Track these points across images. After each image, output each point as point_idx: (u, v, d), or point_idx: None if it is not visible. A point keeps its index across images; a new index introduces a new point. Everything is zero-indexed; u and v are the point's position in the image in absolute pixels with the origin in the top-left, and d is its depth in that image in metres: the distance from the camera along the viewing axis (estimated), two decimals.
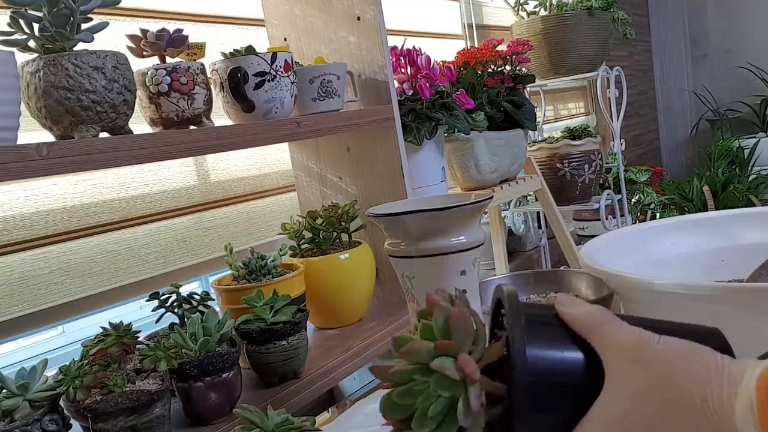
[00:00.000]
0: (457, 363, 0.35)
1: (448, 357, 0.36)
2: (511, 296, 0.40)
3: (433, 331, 0.38)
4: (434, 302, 0.40)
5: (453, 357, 0.36)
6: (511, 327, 0.37)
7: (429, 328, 0.38)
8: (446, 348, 0.36)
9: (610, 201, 1.91)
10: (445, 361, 0.35)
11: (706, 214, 0.81)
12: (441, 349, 0.36)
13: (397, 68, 1.25)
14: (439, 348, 0.36)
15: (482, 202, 0.68)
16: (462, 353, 0.36)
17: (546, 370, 0.37)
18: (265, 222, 1.27)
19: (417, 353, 0.37)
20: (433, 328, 0.38)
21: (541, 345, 0.38)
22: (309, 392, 0.88)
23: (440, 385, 0.35)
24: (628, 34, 2.04)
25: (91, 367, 0.69)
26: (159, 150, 0.77)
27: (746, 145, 3.41)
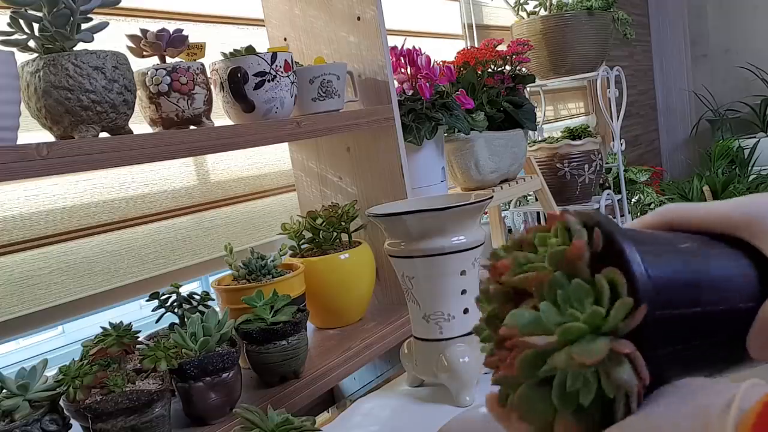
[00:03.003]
0: (636, 371, 0.28)
1: (623, 358, 0.28)
2: (601, 217, 0.32)
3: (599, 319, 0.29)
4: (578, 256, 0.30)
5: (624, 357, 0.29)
6: (620, 251, 0.30)
7: (599, 315, 0.29)
8: (623, 348, 0.29)
9: (610, 201, 1.91)
10: (623, 369, 0.28)
11: None
12: (617, 349, 0.29)
13: (397, 68, 1.25)
14: (616, 349, 0.28)
15: (482, 202, 0.68)
16: (638, 359, 0.28)
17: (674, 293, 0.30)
18: (265, 222, 1.27)
19: (590, 352, 0.29)
20: (600, 314, 0.29)
21: (661, 265, 0.30)
22: (309, 392, 0.88)
23: (608, 386, 0.29)
24: (628, 34, 2.04)
25: (91, 367, 0.69)
26: (159, 150, 0.77)
27: (746, 145, 3.41)
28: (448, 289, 0.69)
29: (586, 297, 0.30)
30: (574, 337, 0.29)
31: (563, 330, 0.29)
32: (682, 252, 0.33)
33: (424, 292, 0.70)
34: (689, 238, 0.34)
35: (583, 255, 0.30)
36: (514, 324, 0.30)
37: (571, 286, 0.30)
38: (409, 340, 0.75)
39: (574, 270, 0.30)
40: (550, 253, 0.31)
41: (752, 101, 3.68)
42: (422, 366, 0.72)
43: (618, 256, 0.30)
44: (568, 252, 0.30)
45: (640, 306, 0.29)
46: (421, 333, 0.72)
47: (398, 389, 0.76)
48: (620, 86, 1.98)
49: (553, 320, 0.30)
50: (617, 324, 0.29)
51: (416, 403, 0.72)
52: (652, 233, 0.35)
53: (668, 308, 0.30)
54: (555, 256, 0.31)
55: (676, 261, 0.31)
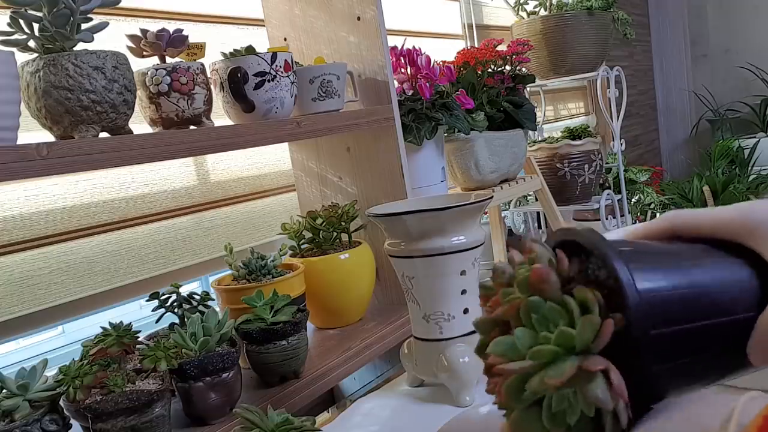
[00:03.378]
0: (611, 387, 0.29)
1: (595, 376, 0.29)
2: (591, 235, 0.32)
3: (571, 339, 0.30)
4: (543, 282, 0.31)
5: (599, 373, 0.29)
6: (610, 263, 0.30)
7: (568, 335, 0.30)
8: (593, 366, 0.29)
9: (610, 201, 1.91)
10: (595, 386, 0.29)
11: None
12: (586, 368, 0.29)
13: (397, 68, 1.25)
14: (585, 368, 0.29)
15: (482, 202, 0.68)
16: (613, 373, 0.29)
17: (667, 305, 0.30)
18: (265, 222, 1.27)
19: (558, 374, 0.29)
20: (573, 336, 0.30)
21: (653, 278, 0.30)
22: (309, 392, 0.88)
23: (585, 404, 0.29)
24: (628, 34, 2.04)
25: (91, 367, 0.69)
26: (159, 150, 0.77)
27: (746, 145, 3.40)
28: (448, 289, 0.69)
29: (559, 318, 0.30)
30: (547, 360, 0.30)
31: (533, 353, 0.30)
32: (679, 265, 0.32)
33: (424, 292, 0.70)
34: (690, 248, 0.34)
35: (548, 278, 0.31)
36: (495, 351, 0.31)
37: (544, 308, 0.31)
38: (409, 340, 0.75)
39: (545, 294, 0.31)
40: (518, 281, 0.32)
41: (752, 101, 3.68)
42: (422, 366, 0.72)
43: (609, 275, 0.30)
44: (531, 277, 0.31)
45: (632, 324, 0.29)
46: (421, 333, 0.72)
47: (398, 389, 0.76)
48: (620, 86, 1.98)
49: (526, 344, 0.30)
50: (587, 342, 0.29)
51: (416, 403, 0.72)
52: (649, 245, 0.35)
53: (664, 325, 0.29)
54: (522, 284, 0.32)
55: (672, 275, 0.31)
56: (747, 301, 0.32)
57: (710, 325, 0.31)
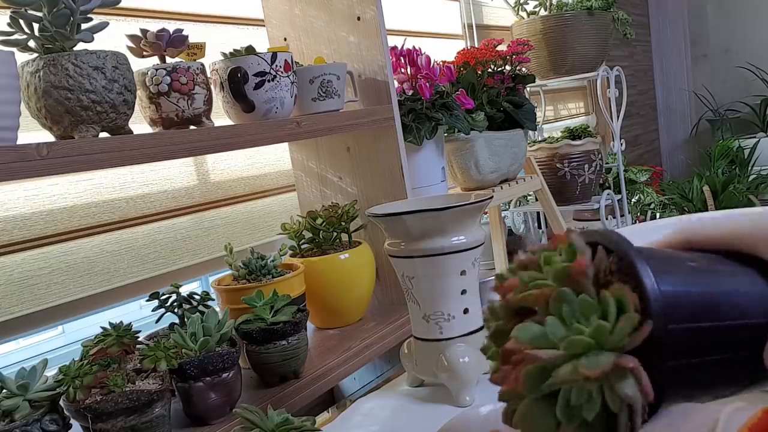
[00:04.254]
0: (641, 386, 0.28)
1: (627, 373, 0.29)
2: (613, 235, 0.32)
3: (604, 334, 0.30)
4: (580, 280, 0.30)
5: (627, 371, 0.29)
6: (631, 266, 0.30)
7: (604, 330, 0.30)
8: (627, 363, 0.29)
9: (610, 201, 1.91)
10: (627, 383, 0.28)
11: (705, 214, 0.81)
12: (621, 365, 0.29)
13: (397, 68, 1.25)
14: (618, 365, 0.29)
15: (482, 202, 0.68)
16: (642, 373, 0.29)
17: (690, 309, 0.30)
18: (265, 222, 1.27)
19: (595, 366, 0.29)
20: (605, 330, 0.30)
21: (672, 280, 0.30)
22: (309, 392, 0.88)
23: (613, 400, 0.29)
24: (628, 34, 2.04)
25: (91, 367, 0.69)
26: (159, 150, 0.77)
27: (746, 145, 3.40)
28: (448, 289, 0.69)
29: (592, 312, 0.30)
30: (579, 351, 0.29)
31: (568, 343, 0.29)
32: (695, 268, 0.33)
33: (424, 292, 0.70)
34: (703, 256, 0.35)
35: (587, 271, 0.31)
36: (521, 337, 0.30)
37: (577, 301, 0.30)
38: (409, 340, 0.75)
39: (579, 287, 0.31)
40: (554, 271, 0.31)
41: (752, 101, 3.68)
42: (422, 366, 0.72)
43: (630, 270, 0.30)
44: (572, 268, 0.31)
45: (650, 320, 0.29)
46: (421, 333, 0.72)
47: (398, 389, 0.76)
48: (620, 86, 1.98)
49: (558, 334, 0.30)
50: (622, 339, 0.29)
51: (416, 403, 0.72)
52: (665, 251, 0.35)
53: (680, 322, 0.30)
54: (559, 273, 0.31)
55: (688, 277, 0.32)
56: (761, 307, 0.32)
57: (727, 327, 0.31)
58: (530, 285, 0.32)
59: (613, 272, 0.32)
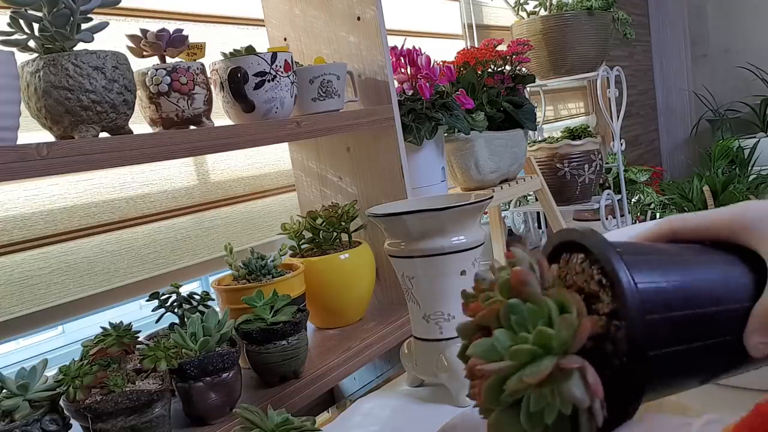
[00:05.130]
0: (587, 386, 0.29)
1: (571, 374, 0.29)
2: (591, 234, 0.33)
3: (552, 340, 0.30)
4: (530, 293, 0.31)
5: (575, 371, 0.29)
6: (607, 261, 0.31)
7: (546, 335, 0.30)
8: (569, 364, 0.29)
9: (610, 201, 1.91)
10: (572, 384, 0.29)
11: None
12: (562, 367, 0.29)
13: (397, 68, 1.25)
14: (562, 365, 0.29)
15: (482, 202, 0.68)
16: (588, 372, 0.29)
17: (665, 299, 0.31)
18: (265, 222, 1.27)
19: (535, 372, 0.29)
20: (553, 338, 0.30)
21: (648, 272, 0.31)
22: (309, 392, 0.88)
23: (563, 402, 0.29)
24: (628, 34, 2.04)
25: (91, 367, 0.69)
26: (159, 150, 0.77)
27: (746, 145, 3.40)
28: (448, 289, 0.69)
29: (539, 319, 0.31)
30: (526, 360, 0.30)
31: (512, 353, 0.30)
32: (676, 259, 0.33)
33: (424, 292, 0.70)
34: (686, 247, 0.35)
35: (528, 280, 0.31)
36: (474, 353, 0.32)
37: (524, 310, 0.31)
38: (409, 340, 0.75)
39: (525, 296, 0.31)
40: (499, 285, 0.33)
41: (752, 101, 3.68)
42: (422, 366, 0.72)
43: (605, 266, 0.31)
44: (512, 280, 0.32)
45: (628, 310, 0.29)
46: (421, 333, 0.72)
47: (398, 389, 0.76)
48: (620, 86, 1.98)
49: (505, 344, 0.31)
50: (566, 342, 0.30)
51: (416, 403, 0.72)
52: (646, 245, 0.36)
53: (657, 312, 0.30)
54: (503, 287, 0.32)
55: (664, 268, 0.32)
56: (742, 293, 0.33)
57: (705, 314, 0.32)
58: (484, 303, 0.33)
59: (584, 271, 0.33)
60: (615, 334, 0.31)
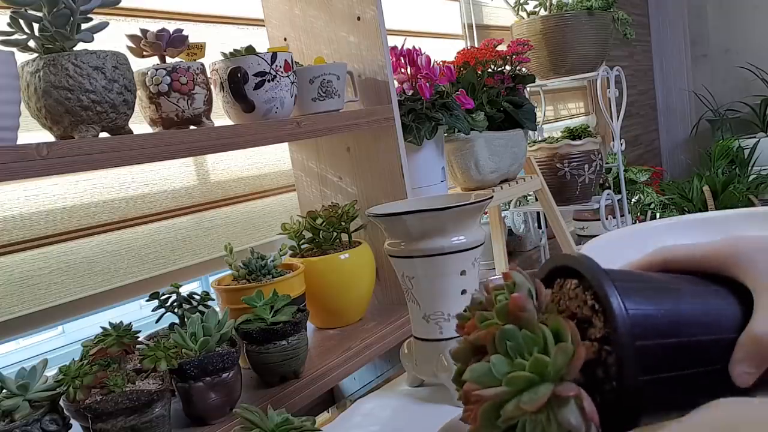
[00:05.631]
0: (583, 413, 0.29)
1: (568, 401, 0.30)
2: (585, 260, 0.33)
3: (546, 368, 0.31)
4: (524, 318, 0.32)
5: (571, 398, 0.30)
6: (599, 287, 0.31)
7: (542, 363, 0.31)
8: (565, 392, 0.30)
9: (610, 201, 1.91)
10: (568, 411, 0.29)
11: (706, 214, 0.81)
12: (559, 394, 0.30)
13: (397, 68, 1.25)
14: (559, 393, 0.30)
15: (482, 202, 0.68)
16: (585, 399, 0.30)
17: (654, 327, 0.31)
18: (265, 222, 1.27)
19: (532, 400, 0.30)
20: (549, 365, 0.31)
21: (639, 300, 0.32)
22: (309, 392, 0.88)
23: (559, 429, 0.30)
24: (628, 34, 2.04)
25: (91, 367, 0.69)
26: (159, 150, 0.77)
27: (746, 145, 3.40)
28: (448, 289, 0.69)
29: (534, 346, 0.31)
30: (522, 386, 0.31)
31: (509, 380, 0.31)
32: (666, 288, 0.34)
33: (424, 292, 0.70)
34: (678, 277, 0.36)
35: (525, 306, 0.32)
36: (471, 378, 0.32)
37: (520, 336, 0.32)
38: (409, 340, 0.75)
39: (522, 322, 0.32)
40: (496, 309, 0.33)
41: (752, 101, 3.68)
42: (422, 366, 0.72)
43: (598, 292, 0.32)
44: (510, 306, 0.32)
45: (618, 336, 0.30)
46: (421, 333, 0.72)
47: (398, 389, 0.76)
48: (620, 86, 1.98)
49: (502, 370, 0.31)
50: (562, 369, 0.30)
51: (416, 403, 0.72)
52: (638, 273, 0.37)
53: (647, 339, 0.31)
54: (501, 311, 0.33)
55: (656, 296, 0.33)
56: (730, 323, 0.34)
57: (694, 342, 0.32)
58: (481, 325, 0.34)
59: (577, 296, 0.33)
60: (606, 359, 0.31)
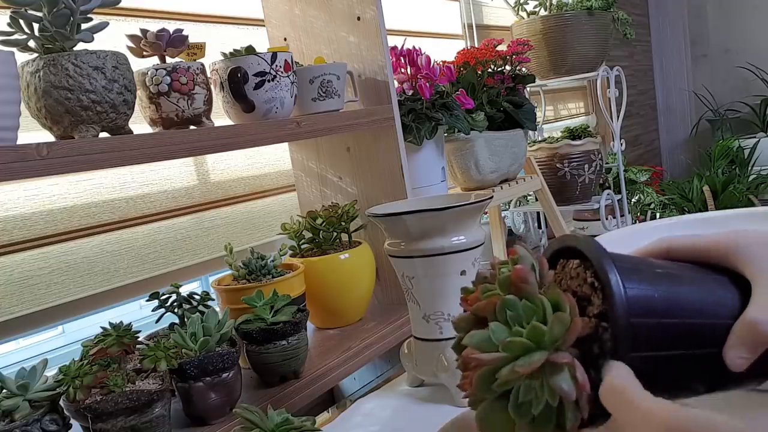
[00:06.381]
0: (575, 380, 0.31)
1: (561, 368, 0.31)
2: (588, 240, 0.35)
3: (544, 335, 0.32)
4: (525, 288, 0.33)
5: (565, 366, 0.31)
6: (600, 265, 0.32)
7: (539, 330, 0.32)
8: (559, 359, 0.31)
9: (610, 201, 1.91)
10: (561, 378, 0.31)
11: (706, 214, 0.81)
12: (553, 361, 0.31)
13: (397, 68, 1.25)
14: (553, 361, 0.31)
15: (482, 202, 0.68)
16: (577, 368, 0.31)
17: (652, 308, 0.32)
18: (265, 222, 1.27)
19: (527, 364, 0.31)
20: (545, 333, 0.32)
21: (638, 280, 0.33)
22: (309, 392, 0.88)
23: (551, 394, 0.31)
24: (628, 34, 2.04)
25: (91, 367, 0.69)
26: (159, 150, 0.77)
27: (746, 145, 3.40)
28: (448, 289, 0.69)
29: (533, 315, 0.33)
30: (519, 353, 0.32)
31: (506, 345, 0.32)
32: (662, 273, 0.35)
33: (424, 292, 0.70)
34: (676, 264, 0.37)
35: (527, 278, 0.33)
36: (470, 343, 0.33)
37: (520, 306, 0.33)
38: (409, 340, 0.75)
39: (523, 292, 0.33)
40: (500, 280, 0.34)
41: (752, 101, 3.68)
42: (422, 366, 0.72)
43: (598, 270, 0.33)
44: (512, 276, 0.33)
45: (615, 312, 0.31)
46: (421, 333, 0.72)
47: (398, 389, 0.76)
48: (620, 86, 1.98)
49: (500, 337, 0.32)
50: (558, 337, 0.31)
51: (416, 403, 0.72)
52: (640, 258, 0.37)
53: (642, 317, 0.32)
54: (504, 282, 0.34)
55: (654, 278, 0.34)
56: (726, 309, 0.34)
57: (689, 324, 0.33)
58: (483, 296, 0.35)
59: (579, 275, 0.35)
60: (602, 335, 0.32)
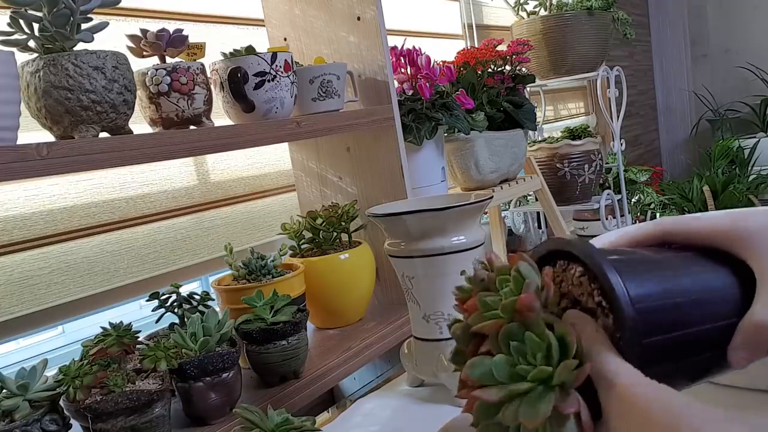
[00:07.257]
0: (580, 427, 0.30)
1: (567, 418, 0.30)
2: (579, 242, 0.34)
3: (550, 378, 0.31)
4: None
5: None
6: (610, 289, 0.31)
7: (546, 374, 0.31)
8: (567, 409, 0.30)
9: (610, 201, 1.91)
10: (567, 429, 0.30)
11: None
12: (561, 409, 0.30)
13: (397, 68, 1.25)
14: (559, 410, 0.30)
15: (482, 202, 0.68)
16: (583, 410, 0.30)
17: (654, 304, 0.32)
18: (265, 222, 1.27)
19: (534, 414, 0.30)
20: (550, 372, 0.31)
21: (646, 294, 0.32)
22: (309, 392, 0.88)
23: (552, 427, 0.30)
24: (628, 34, 2.04)
25: (91, 367, 0.69)
26: (159, 150, 0.77)
27: (746, 145, 3.40)
28: (448, 289, 0.69)
29: (538, 351, 0.31)
30: (523, 392, 0.31)
31: (510, 391, 0.31)
32: (670, 275, 0.34)
33: (424, 292, 0.70)
34: (679, 256, 0.36)
35: (534, 305, 0.32)
36: (470, 374, 0.32)
37: (523, 338, 0.32)
38: (409, 340, 0.75)
39: (527, 320, 0.32)
40: (503, 304, 0.33)
41: (752, 101, 3.68)
42: (422, 366, 0.72)
43: (607, 292, 0.32)
44: (520, 304, 0.32)
45: (627, 335, 0.31)
46: (421, 333, 0.72)
47: (398, 389, 0.76)
48: (620, 86, 1.98)
49: (503, 373, 0.32)
50: (564, 380, 0.30)
51: (416, 403, 0.72)
52: (639, 254, 0.36)
53: (655, 335, 0.31)
54: (507, 307, 0.33)
55: (662, 286, 0.33)
56: (731, 307, 0.34)
57: (696, 333, 0.33)
58: (484, 315, 0.34)
59: (582, 284, 0.33)
60: None
